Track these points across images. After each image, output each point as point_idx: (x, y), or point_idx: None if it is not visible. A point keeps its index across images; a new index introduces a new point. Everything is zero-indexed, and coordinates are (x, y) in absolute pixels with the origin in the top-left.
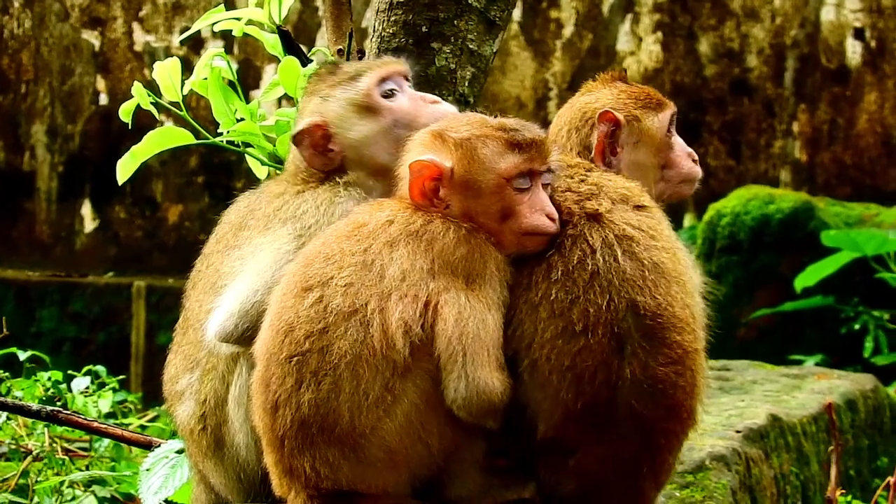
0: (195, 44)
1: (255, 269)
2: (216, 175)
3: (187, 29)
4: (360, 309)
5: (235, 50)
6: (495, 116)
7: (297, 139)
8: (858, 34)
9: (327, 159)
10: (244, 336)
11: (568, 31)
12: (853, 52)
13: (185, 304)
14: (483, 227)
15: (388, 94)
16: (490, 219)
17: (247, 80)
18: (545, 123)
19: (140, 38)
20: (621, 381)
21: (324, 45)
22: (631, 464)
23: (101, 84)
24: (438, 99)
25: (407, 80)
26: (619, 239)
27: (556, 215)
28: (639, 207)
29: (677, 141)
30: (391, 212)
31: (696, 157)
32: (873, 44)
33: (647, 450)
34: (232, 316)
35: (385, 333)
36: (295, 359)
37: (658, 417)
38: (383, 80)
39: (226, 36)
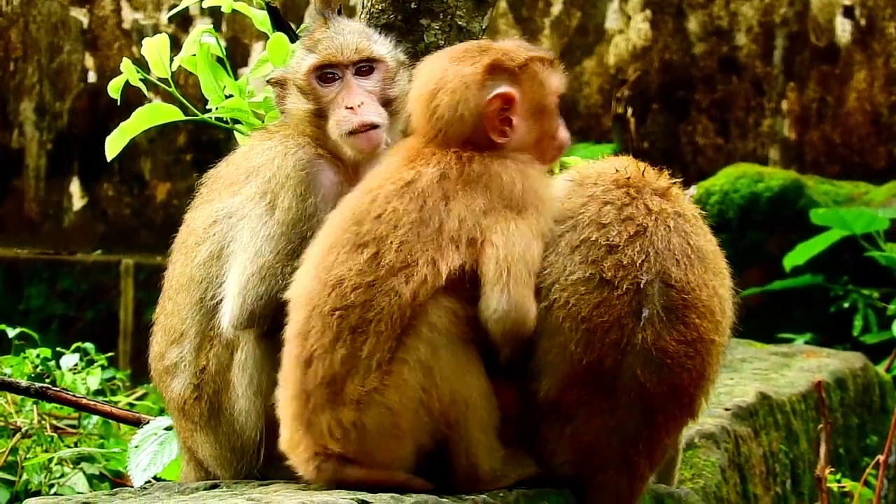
0: (183, 21)
1: (242, 250)
2: (204, 153)
3: (175, 6)
4: (411, 263)
5: (224, 27)
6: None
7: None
8: (848, 12)
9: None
10: (261, 319)
11: (556, 8)
12: (843, 30)
13: (166, 272)
14: (538, 150)
15: (328, 79)
16: (548, 139)
17: (235, 58)
18: None
19: (128, 15)
20: (631, 346)
21: (312, 21)
22: (627, 437)
23: (89, 62)
24: (362, 102)
25: (365, 67)
26: (678, 215)
27: None
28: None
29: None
30: (439, 167)
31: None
32: (863, 22)
33: (645, 425)
34: (243, 305)
35: (420, 287)
36: (338, 312)
37: (660, 394)
38: (323, 66)
39: (214, 13)
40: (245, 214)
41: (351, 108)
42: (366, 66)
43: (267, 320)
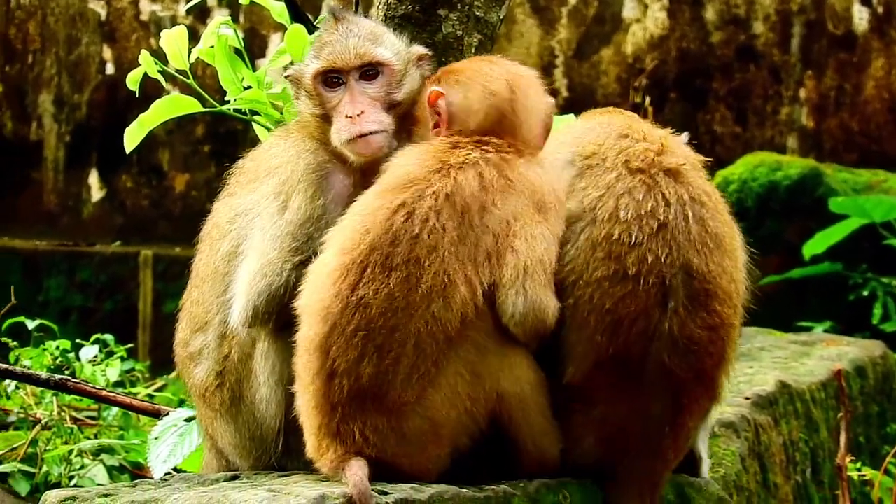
0: (201, 13)
1: (252, 249)
2: (222, 144)
3: None
4: (449, 285)
5: (241, 19)
6: None
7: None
8: (865, 0)
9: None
10: (264, 315)
11: None
12: (860, 18)
13: (194, 260)
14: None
15: (332, 84)
16: None
17: (252, 49)
18: (552, 91)
19: (146, 7)
20: (658, 334)
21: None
22: (654, 422)
23: (107, 53)
24: (362, 111)
25: (370, 71)
26: (693, 201)
27: None
28: (702, 176)
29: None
30: (477, 172)
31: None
32: (880, 10)
33: (671, 410)
34: (247, 302)
35: (463, 307)
36: (362, 333)
37: (686, 379)
38: (326, 72)
39: (231, 4)
40: (259, 213)
41: (350, 117)
42: (371, 71)
43: (272, 316)
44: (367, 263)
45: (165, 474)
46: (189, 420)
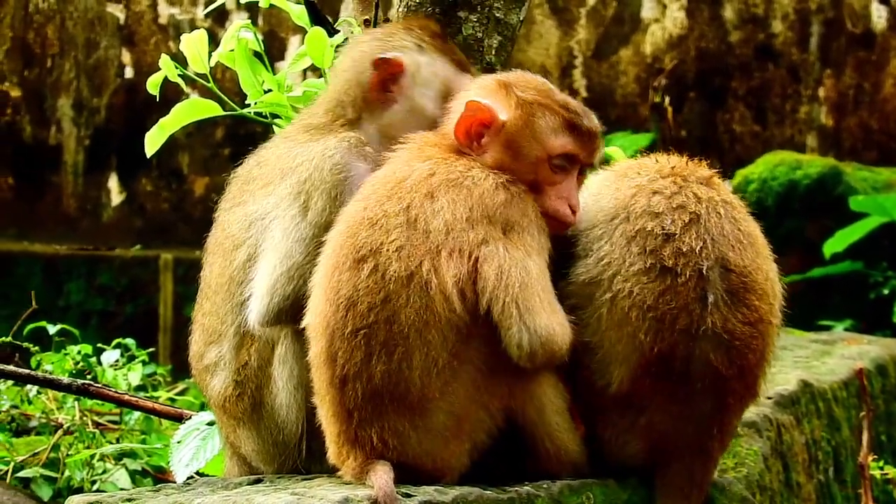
0: (220, 16)
1: (273, 249)
2: (242, 147)
3: (212, 1)
4: (416, 272)
5: (260, 21)
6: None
7: (376, 64)
8: None
9: (384, 101)
10: (287, 317)
11: None
12: (878, 16)
13: (202, 272)
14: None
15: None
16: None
17: (272, 52)
18: (571, 91)
19: (164, 10)
20: (702, 331)
21: (349, 14)
22: (702, 423)
23: (126, 57)
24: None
25: None
26: (725, 203)
27: (578, 208)
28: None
29: None
30: (432, 164)
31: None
32: None
33: (718, 410)
34: (270, 303)
35: (444, 295)
36: (362, 332)
37: (731, 376)
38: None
39: (250, 7)
40: (278, 215)
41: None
42: None
43: (292, 317)
44: (342, 262)
45: (188, 478)
46: (211, 424)
